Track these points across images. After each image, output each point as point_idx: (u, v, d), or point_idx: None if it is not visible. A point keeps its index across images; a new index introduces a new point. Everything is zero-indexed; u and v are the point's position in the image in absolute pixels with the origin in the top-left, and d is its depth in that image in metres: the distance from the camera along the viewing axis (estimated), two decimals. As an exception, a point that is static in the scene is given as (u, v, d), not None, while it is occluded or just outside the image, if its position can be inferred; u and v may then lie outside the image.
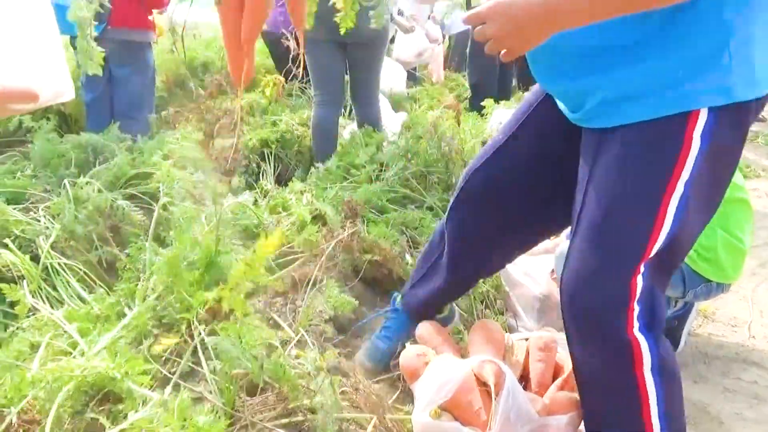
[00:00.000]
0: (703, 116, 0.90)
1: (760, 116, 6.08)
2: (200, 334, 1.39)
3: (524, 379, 1.39)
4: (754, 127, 5.64)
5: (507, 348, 1.41)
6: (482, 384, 1.20)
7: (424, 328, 1.50)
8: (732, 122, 0.93)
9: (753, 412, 1.57)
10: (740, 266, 1.77)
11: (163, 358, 1.39)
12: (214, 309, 1.51)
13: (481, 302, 1.94)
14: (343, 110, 3.89)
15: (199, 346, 1.38)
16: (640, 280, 0.97)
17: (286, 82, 4.66)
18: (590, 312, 1.00)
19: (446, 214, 1.42)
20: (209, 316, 1.49)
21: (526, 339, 1.46)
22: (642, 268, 0.97)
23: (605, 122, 1.00)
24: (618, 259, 0.97)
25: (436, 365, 1.28)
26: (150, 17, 3.32)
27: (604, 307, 0.98)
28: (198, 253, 1.54)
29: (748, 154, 4.47)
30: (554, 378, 1.36)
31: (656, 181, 0.93)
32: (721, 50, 0.89)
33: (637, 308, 0.97)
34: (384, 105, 3.96)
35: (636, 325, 0.97)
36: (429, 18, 7.47)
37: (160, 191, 1.94)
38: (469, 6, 4.52)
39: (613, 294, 0.97)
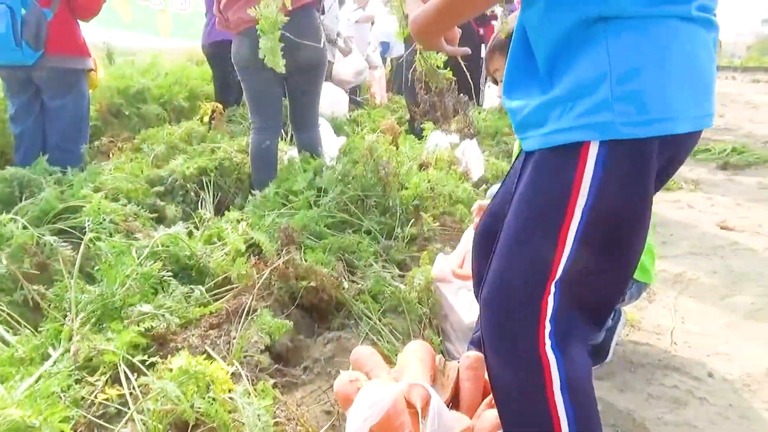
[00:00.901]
0: (594, 148, 0.93)
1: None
2: (126, 374, 1.36)
3: (456, 399, 1.42)
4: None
5: (438, 369, 1.44)
6: (412, 407, 1.23)
7: (359, 352, 1.51)
8: (628, 158, 0.93)
9: (674, 416, 1.65)
10: (654, 267, 1.89)
11: (89, 401, 1.35)
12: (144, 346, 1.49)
13: (419, 323, 1.97)
14: (284, 136, 3.90)
15: (126, 386, 1.35)
16: (551, 300, 1.00)
17: (225, 108, 4.65)
18: (503, 328, 1.03)
19: None
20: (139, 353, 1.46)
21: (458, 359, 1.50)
22: (552, 288, 1.00)
23: (525, 146, 1.06)
24: (525, 278, 1.01)
25: (368, 390, 1.29)
26: (86, 43, 3.22)
27: (515, 323, 1.02)
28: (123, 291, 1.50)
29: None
30: (484, 396, 1.40)
31: (556, 206, 0.97)
32: (600, 84, 0.91)
33: (548, 326, 1.00)
34: (325, 129, 4.00)
35: (547, 342, 1.00)
36: (369, 43, 7.64)
37: (84, 225, 1.87)
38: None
39: (522, 311, 1.01)
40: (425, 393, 1.20)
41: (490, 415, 1.31)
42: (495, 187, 2.14)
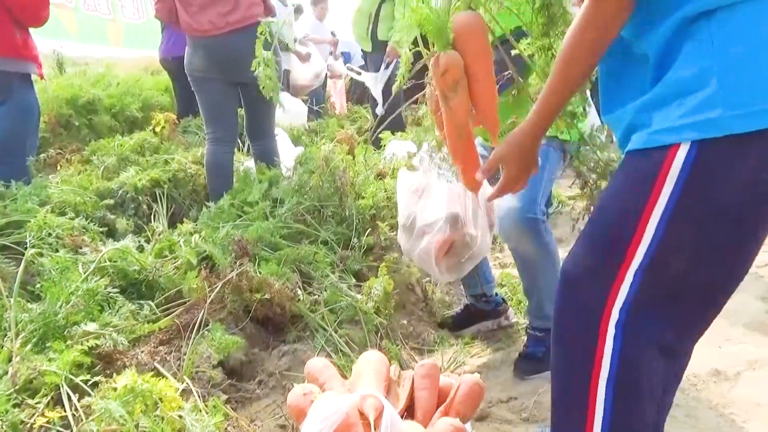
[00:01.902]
0: (683, 150, 0.87)
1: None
2: (69, 395, 1.31)
3: (411, 409, 1.42)
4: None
5: (392, 379, 1.44)
6: (365, 418, 1.22)
7: (312, 365, 1.50)
8: (721, 158, 0.86)
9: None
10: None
11: (28, 426, 1.29)
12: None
13: (376, 333, 1.97)
14: (241, 146, 3.85)
15: (68, 408, 1.30)
16: (625, 288, 0.94)
17: (184, 115, 4.57)
18: (570, 302, 1.00)
19: None
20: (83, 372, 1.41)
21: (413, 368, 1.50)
22: (629, 276, 0.94)
23: (623, 149, 1.02)
24: (599, 261, 0.97)
25: (321, 403, 1.28)
26: (32, 45, 3.03)
27: (580, 305, 0.99)
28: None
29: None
30: (438, 405, 1.40)
31: (636, 200, 0.92)
32: (705, 79, 0.85)
33: (616, 315, 0.94)
34: (283, 140, 3.97)
35: (611, 330, 0.94)
36: (331, 54, 7.65)
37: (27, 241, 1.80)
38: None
39: (589, 293, 0.97)
40: (378, 403, 1.19)
41: (444, 423, 1.31)
42: None
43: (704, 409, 1.71)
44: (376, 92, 4.79)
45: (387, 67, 4.73)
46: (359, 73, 5.30)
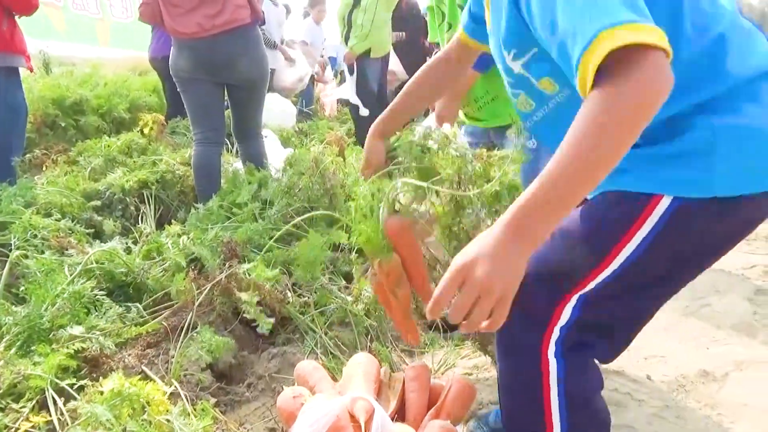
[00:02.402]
0: (665, 202, 0.91)
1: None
2: (54, 399, 1.29)
3: (401, 411, 1.41)
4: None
5: (383, 381, 1.43)
6: (356, 421, 1.21)
7: (302, 367, 1.49)
8: (699, 216, 0.92)
9: (615, 419, 1.68)
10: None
11: (13, 430, 1.27)
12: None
13: (366, 335, 1.96)
14: (230, 147, 3.83)
15: (54, 412, 1.28)
16: (568, 309, 0.98)
17: (175, 116, 4.54)
18: (515, 317, 0.94)
19: None
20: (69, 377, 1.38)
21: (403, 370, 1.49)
22: (573, 300, 0.97)
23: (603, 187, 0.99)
24: (553, 277, 0.98)
25: (311, 406, 1.27)
26: (19, 37, 2.94)
27: (526, 317, 0.98)
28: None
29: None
30: (429, 407, 1.39)
31: (607, 237, 0.95)
32: (697, 141, 0.90)
33: (557, 333, 0.98)
34: (272, 141, 3.95)
35: (552, 348, 0.98)
36: (321, 56, 7.65)
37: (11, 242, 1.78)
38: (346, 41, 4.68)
39: (537, 307, 0.99)
40: (369, 406, 1.19)
41: (434, 426, 1.30)
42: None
43: (692, 410, 1.72)
44: (353, 98, 4.82)
45: (351, 73, 4.78)
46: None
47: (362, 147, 1.56)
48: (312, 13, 7.24)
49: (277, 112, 5.07)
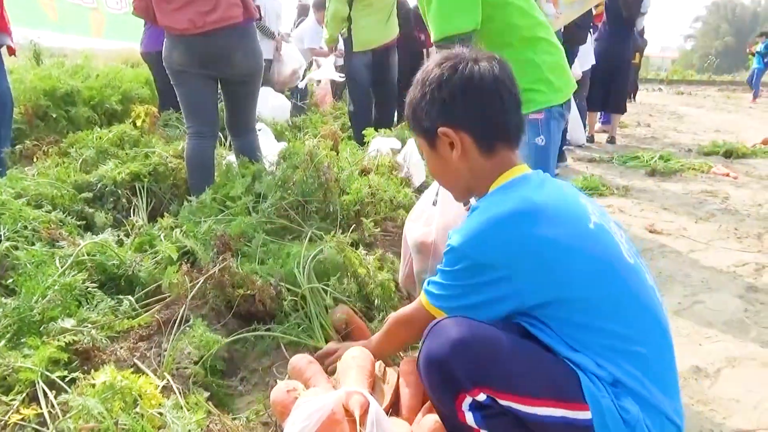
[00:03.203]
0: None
1: (610, 137, 6.73)
2: (45, 392, 1.27)
3: (396, 405, 1.41)
4: (608, 149, 6.25)
5: (377, 375, 1.42)
6: (351, 415, 1.20)
7: (297, 361, 1.48)
8: None
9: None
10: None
11: (2, 423, 1.25)
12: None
13: (360, 330, 1.95)
14: (223, 141, 3.80)
15: (44, 405, 1.26)
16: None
17: (168, 109, 4.50)
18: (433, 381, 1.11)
19: None
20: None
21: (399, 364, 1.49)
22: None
23: None
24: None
25: (305, 399, 1.26)
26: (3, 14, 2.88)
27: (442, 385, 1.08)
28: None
29: (604, 173, 4.94)
30: (424, 402, 1.39)
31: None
32: None
33: (468, 399, 1.05)
34: (266, 135, 3.92)
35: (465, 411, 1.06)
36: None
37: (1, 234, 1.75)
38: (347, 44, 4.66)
39: (442, 381, 1.08)
40: (363, 400, 1.18)
41: (429, 420, 1.30)
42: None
43: (685, 406, 1.72)
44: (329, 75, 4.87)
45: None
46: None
47: (357, 141, 1.61)
48: (317, 15, 7.15)
49: (270, 106, 5.04)
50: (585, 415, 1.01)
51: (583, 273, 1.06)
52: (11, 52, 3.07)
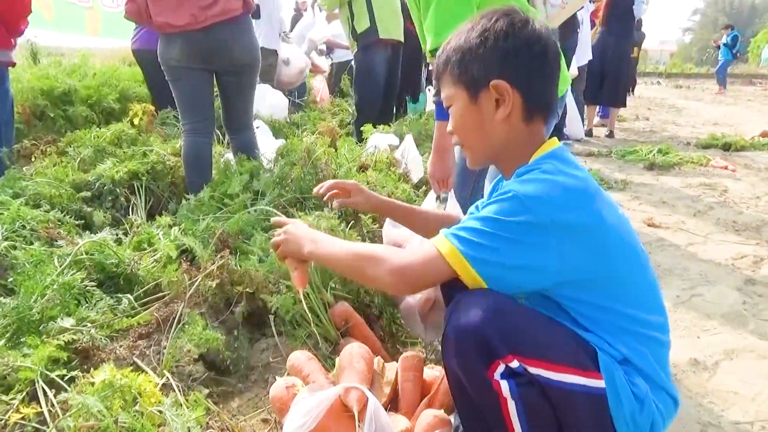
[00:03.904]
0: None
1: (609, 131, 6.73)
2: (45, 391, 1.27)
3: (395, 401, 1.42)
4: (607, 143, 6.25)
5: (376, 371, 1.43)
6: (349, 411, 1.21)
7: (295, 358, 1.48)
8: None
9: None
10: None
11: (3, 422, 1.25)
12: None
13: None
14: (221, 138, 3.80)
15: (44, 404, 1.26)
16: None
17: (160, 108, 4.48)
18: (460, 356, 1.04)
19: None
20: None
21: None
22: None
23: None
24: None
25: (304, 396, 1.26)
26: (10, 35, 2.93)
27: (476, 348, 1.01)
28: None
29: (603, 167, 4.94)
30: (422, 397, 1.40)
31: None
32: None
33: (502, 366, 1.00)
34: (264, 132, 3.92)
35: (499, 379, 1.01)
36: (315, 50, 7.58)
37: None
38: (353, 37, 4.62)
39: (477, 347, 1.01)
40: (362, 396, 1.19)
41: (428, 415, 1.31)
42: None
43: (684, 399, 1.73)
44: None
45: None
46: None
47: (356, 137, 1.61)
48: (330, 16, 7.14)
49: (268, 103, 5.03)
50: (600, 383, 1.01)
51: (619, 257, 1.07)
52: (11, 64, 3.10)
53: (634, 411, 1.04)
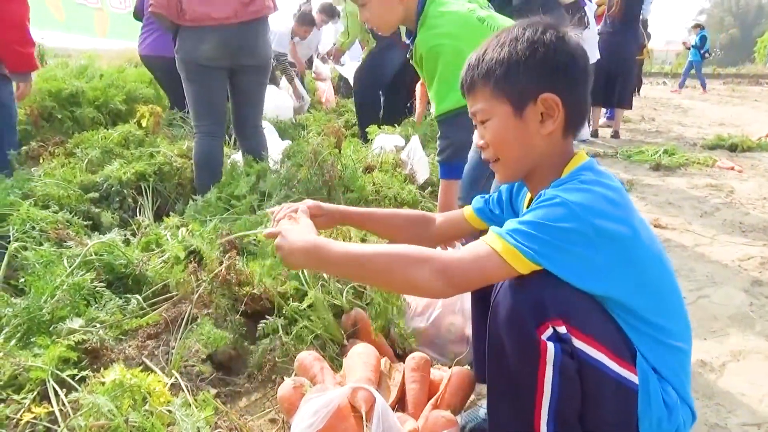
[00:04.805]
0: None
1: (614, 131, 6.71)
2: (56, 390, 1.29)
3: (402, 402, 1.42)
4: (613, 143, 6.24)
5: (383, 372, 1.44)
6: (357, 411, 1.22)
7: (303, 358, 1.49)
8: None
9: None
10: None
11: (14, 421, 1.27)
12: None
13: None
14: (228, 140, 3.82)
15: (55, 403, 1.28)
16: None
17: (172, 109, 4.50)
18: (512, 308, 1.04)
19: None
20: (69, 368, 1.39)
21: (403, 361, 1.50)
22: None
23: None
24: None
25: (312, 396, 1.27)
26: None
27: (525, 310, 1.02)
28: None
29: (608, 168, 4.93)
30: (429, 398, 1.40)
31: None
32: None
33: (550, 330, 1.00)
34: (270, 133, 3.94)
35: (546, 341, 1.01)
36: (318, 56, 7.61)
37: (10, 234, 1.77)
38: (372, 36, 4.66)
39: (531, 306, 1.02)
40: (369, 396, 1.19)
41: (435, 416, 1.31)
42: None
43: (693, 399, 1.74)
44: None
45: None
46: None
47: (362, 138, 1.59)
48: (334, 23, 7.17)
49: (274, 105, 5.05)
50: (634, 379, 1.03)
51: (650, 266, 1.08)
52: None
53: (662, 417, 1.05)
